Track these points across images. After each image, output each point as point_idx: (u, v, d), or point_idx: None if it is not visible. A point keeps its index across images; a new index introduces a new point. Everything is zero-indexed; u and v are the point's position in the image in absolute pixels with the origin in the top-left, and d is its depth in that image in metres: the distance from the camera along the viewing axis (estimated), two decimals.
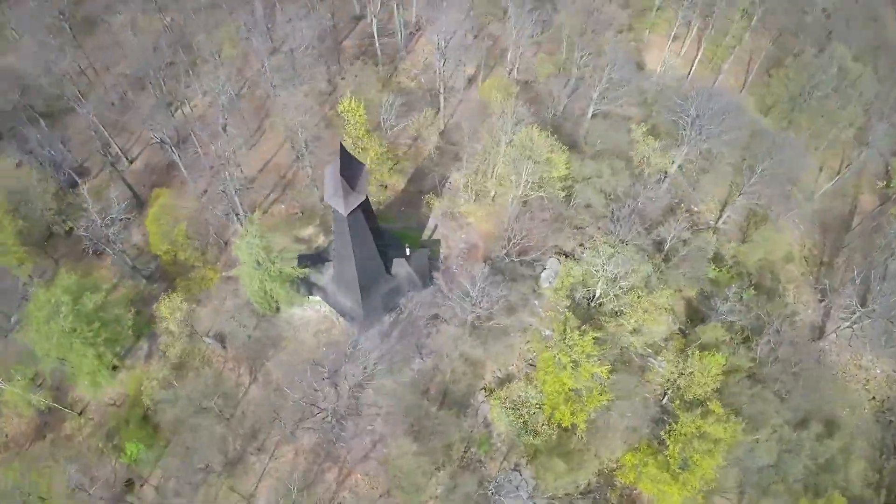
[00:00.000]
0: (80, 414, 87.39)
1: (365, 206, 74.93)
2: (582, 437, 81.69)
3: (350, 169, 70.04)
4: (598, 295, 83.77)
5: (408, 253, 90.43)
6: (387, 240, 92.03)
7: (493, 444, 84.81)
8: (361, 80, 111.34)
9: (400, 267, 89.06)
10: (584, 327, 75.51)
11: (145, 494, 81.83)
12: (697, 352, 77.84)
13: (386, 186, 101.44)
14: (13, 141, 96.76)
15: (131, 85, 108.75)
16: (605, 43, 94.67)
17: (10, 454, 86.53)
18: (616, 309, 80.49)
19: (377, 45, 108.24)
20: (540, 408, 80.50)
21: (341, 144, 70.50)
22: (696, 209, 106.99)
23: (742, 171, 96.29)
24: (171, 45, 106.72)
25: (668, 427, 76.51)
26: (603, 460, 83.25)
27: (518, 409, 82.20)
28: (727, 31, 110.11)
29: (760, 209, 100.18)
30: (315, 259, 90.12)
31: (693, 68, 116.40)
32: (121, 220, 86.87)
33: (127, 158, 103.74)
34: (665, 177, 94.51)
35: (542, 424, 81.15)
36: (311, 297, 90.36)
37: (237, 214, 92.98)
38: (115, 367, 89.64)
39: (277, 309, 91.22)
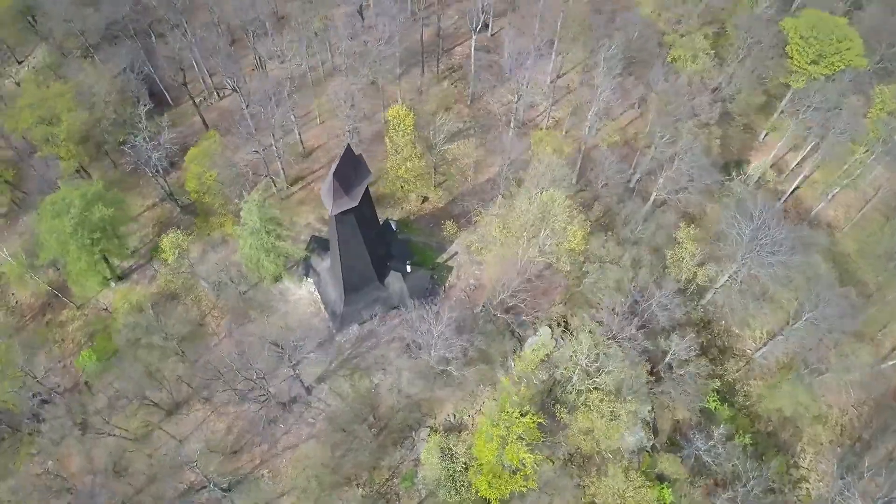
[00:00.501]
0: (78, 308, 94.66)
1: (361, 213, 75.00)
2: None
3: (349, 172, 70.26)
4: (572, 381, 78.96)
5: (408, 270, 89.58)
6: (396, 250, 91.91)
7: (415, 483, 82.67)
8: (446, 93, 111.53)
9: (395, 280, 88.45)
10: (529, 408, 71.38)
11: (96, 401, 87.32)
12: (642, 477, 71.61)
13: (426, 199, 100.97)
14: (116, 48, 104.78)
15: (222, 34, 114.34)
16: (687, 132, 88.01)
17: (14, 318, 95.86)
18: (575, 403, 75.48)
19: (472, 63, 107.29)
20: (466, 468, 77.44)
21: (348, 146, 70.72)
22: (737, 331, 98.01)
23: (789, 312, 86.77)
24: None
25: None
26: None
27: (451, 460, 79.58)
28: (842, 159, 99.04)
29: (805, 357, 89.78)
30: (325, 244, 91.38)
31: (796, 187, 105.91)
32: (168, 147, 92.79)
33: (218, 95, 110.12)
34: (692, 286, 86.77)
35: (464, 486, 78.01)
36: (306, 278, 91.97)
37: (273, 178, 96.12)
38: (120, 278, 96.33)
39: (277, 279, 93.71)
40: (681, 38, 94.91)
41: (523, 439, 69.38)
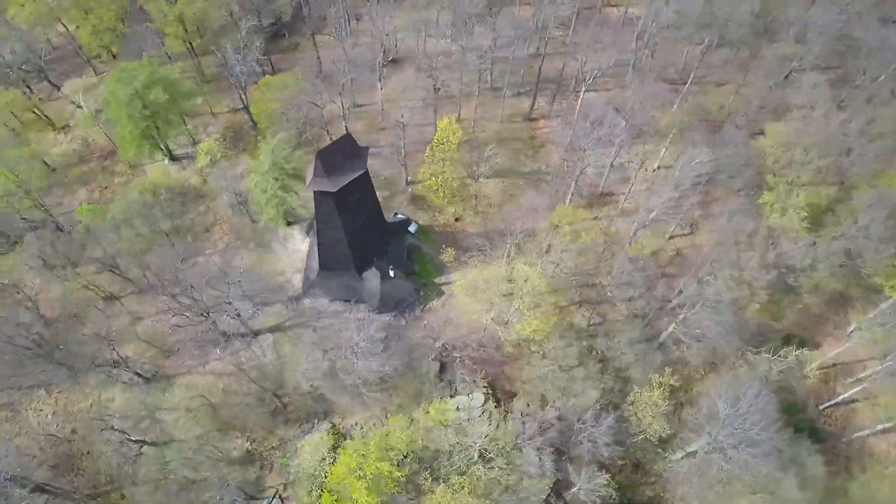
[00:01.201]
0: (130, 167, 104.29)
1: (344, 201, 75.15)
2: None
3: (338, 159, 70.49)
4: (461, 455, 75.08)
5: (391, 274, 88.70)
6: (394, 250, 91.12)
7: (289, 465, 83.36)
8: (520, 129, 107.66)
9: (372, 277, 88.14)
10: (393, 460, 69.25)
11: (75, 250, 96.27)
12: None
13: (458, 220, 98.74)
14: None
15: None
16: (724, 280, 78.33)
17: (85, 153, 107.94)
18: (446, 476, 71.63)
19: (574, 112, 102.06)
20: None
21: (348, 134, 70.90)
22: None
23: None
24: None
25: None
26: None
27: (320, 463, 79.35)
28: None
29: None
30: None
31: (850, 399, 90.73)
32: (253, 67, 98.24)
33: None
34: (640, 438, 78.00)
35: (316, 490, 77.59)
36: (307, 237, 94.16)
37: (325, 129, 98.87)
38: (173, 159, 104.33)
39: (290, 224, 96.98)
40: (783, 184, 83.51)
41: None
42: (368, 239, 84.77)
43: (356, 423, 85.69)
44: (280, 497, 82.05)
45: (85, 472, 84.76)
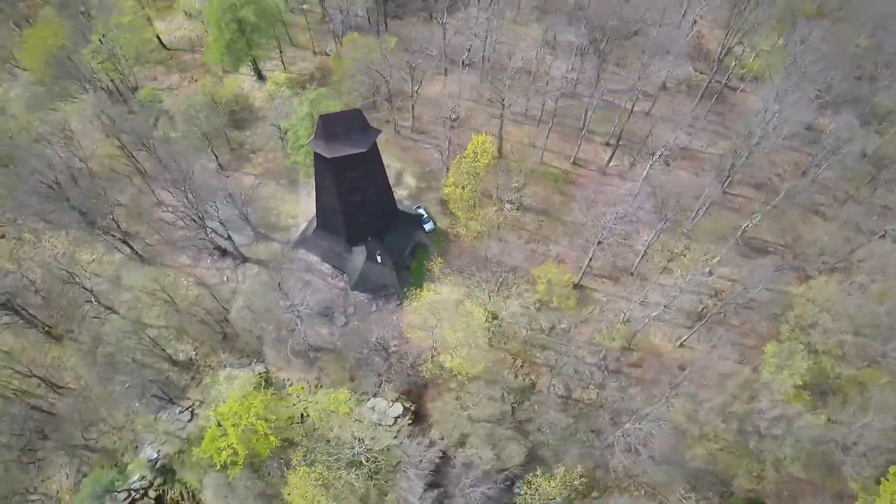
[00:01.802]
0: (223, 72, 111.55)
1: (341, 172, 76.20)
2: None
3: (340, 130, 71.77)
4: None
5: (378, 259, 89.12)
6: (395, 238, 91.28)
7: (211, 387, 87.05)
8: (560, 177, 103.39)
9: (358, 255, 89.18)
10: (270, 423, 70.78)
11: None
12: None
13: (476, 237, 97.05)
14: None
15: None
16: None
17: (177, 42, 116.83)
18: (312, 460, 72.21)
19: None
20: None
21: (359, 111, 71.84)
22: None
23: None
24: None
25: None
26: None
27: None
28: None
29: None
30: None
31: None
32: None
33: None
34: None
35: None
36: None
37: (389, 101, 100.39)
38: (260, 77, 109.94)
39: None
40: (795, 342, 74.76)
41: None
42: (367, 218, 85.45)
43: (287, 380, 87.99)
44: (192, 411, 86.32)
45: (56, 311, 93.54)
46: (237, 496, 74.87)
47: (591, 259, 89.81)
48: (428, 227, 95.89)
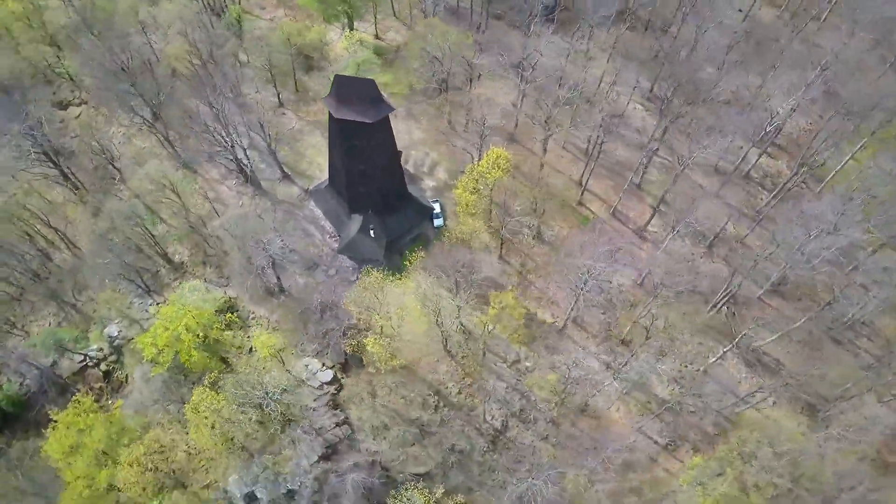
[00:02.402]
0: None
1: (347, 134, 78.24)
2: None
3: (353, 95, 73.72)
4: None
5: (371, 233, 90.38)
6: (396, 221, 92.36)
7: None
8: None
9: (354, 223, 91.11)
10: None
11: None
12: None
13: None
14: None
15: None
16: None
17: None
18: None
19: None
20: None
21: (373, 81, 73.27)
22: None
23: None
24: None
25: None
26: None
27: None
28: None
29: None
30: None
31: None
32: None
33: None
34: None
35: None
36: None
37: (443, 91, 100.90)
38: (352, 29, 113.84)
39: None
40: (722, 461, 68.51)
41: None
42: (368, 190, 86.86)
43: (252, 313, 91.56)
44: (159, 307, 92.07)
45: (89, 178, 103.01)
46: (151, 389, 79.62)
47: (572, 308, 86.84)
48: (437, 222, 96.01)
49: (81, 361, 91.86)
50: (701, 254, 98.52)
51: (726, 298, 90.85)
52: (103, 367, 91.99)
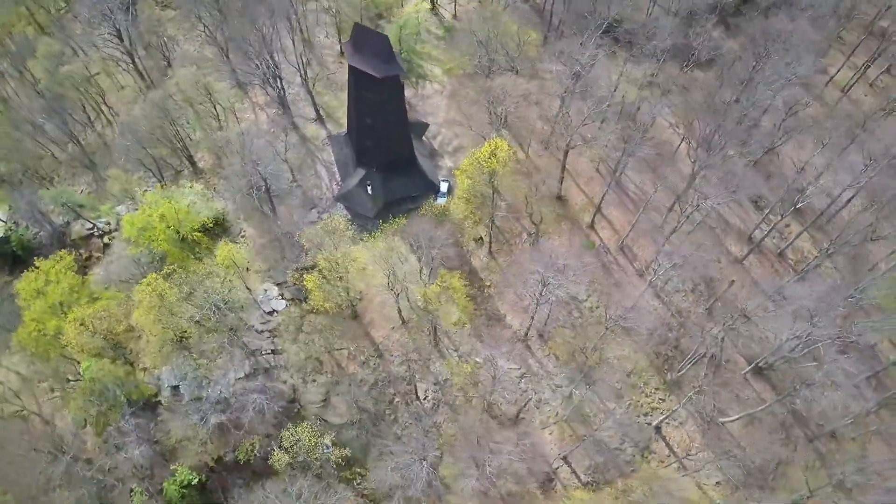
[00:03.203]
0: None
1: (358, 85, 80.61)
2: None
3: (367, 46, 75.93)
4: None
5: (368, 190, 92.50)
6: (398, 185, 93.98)
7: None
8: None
9: (356, 177, 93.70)
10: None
11: None
12: None
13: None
14: None
15: None
16: None
17: None
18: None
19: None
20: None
21: (386, 37, 75.16)
22: None
23: None
24: None
25: None
26: None
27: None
28: None
29: None
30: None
31: None
32: None
33: None
34: None
35: None
36: None
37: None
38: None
39: None
40: None
41: None
42: (374, 145, 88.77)
43: (242, 231, 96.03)
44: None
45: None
46: (120, 265, 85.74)
47: (532, 317, 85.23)
48: (441, 199, 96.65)
49: (90, 229, 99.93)
50: (698, 313, 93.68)
51: (694, 362, 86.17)
52: (106, 239, 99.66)
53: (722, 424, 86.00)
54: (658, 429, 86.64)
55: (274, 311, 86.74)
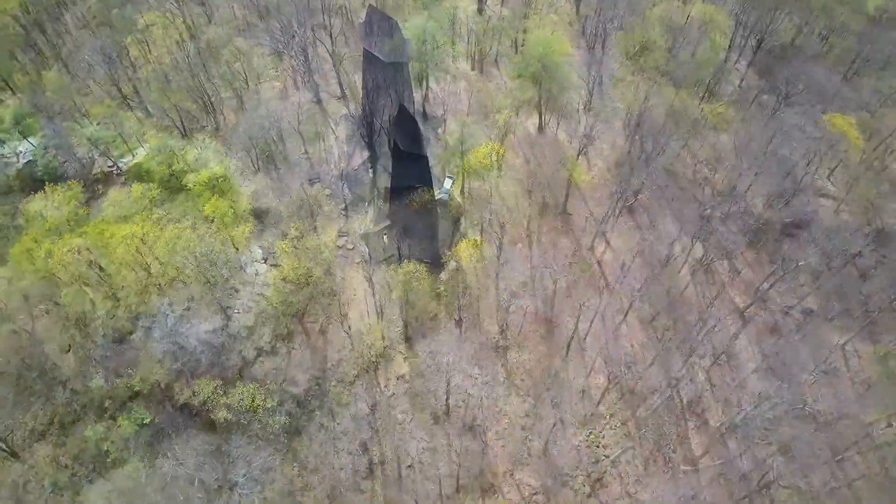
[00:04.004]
0: None
1: (368, 62, 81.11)
2: None
3: (376, 27, 76.82)
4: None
5: (369, 172, 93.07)
6: (400, 170, 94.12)
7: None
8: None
9: (360, 158, 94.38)
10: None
11: None
12: None
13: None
14: None
15: None
16: None
17: None
18: None
19: None
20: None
21: (396, 21, 75.80)
22: None
23: None
24: None
25: None
26: None
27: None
28: None
29: None
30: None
31: None
32: None
33: None
34: None
35: None
36: None
37: None
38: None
39: None
40: None
41: None
42: (381, 128, 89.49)
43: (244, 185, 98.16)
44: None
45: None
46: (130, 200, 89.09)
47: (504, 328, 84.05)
48: (443, 196, 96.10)
49: (111, 167, 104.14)
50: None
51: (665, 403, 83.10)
52: (124, 178, 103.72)
53: (683, 472, 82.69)
54: (614, 463, 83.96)
55: (256, 273, 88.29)
